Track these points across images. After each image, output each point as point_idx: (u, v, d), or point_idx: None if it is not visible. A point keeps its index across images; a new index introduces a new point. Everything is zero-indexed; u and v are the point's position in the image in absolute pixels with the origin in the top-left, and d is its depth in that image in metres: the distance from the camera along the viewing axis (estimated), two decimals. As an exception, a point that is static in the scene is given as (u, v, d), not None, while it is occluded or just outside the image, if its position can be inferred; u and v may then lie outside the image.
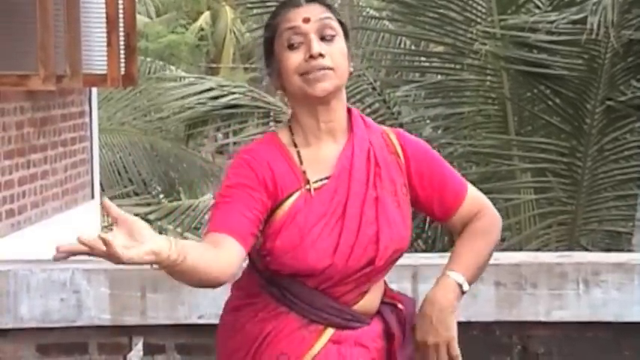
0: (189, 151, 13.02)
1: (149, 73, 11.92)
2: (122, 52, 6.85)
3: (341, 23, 2.41)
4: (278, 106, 8.98)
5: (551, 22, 7.39)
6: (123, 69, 6.90)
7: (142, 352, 3.45)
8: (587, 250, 7.51)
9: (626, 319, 3.31)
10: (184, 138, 9.55)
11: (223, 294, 3.32)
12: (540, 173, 7.89)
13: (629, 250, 6.16)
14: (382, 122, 8.44)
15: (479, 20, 7.97)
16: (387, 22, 9.73)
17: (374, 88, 8.57)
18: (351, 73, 2.42)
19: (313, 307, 2.38)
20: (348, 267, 2.37)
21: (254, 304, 2.42)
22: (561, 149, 7.81)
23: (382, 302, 2.47)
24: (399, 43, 9.65)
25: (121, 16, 6.87)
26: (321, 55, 2.34)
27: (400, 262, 2.48)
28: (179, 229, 8.99)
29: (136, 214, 7.72)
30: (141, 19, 22.47)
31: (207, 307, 3.33)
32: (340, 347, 2.39)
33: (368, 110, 8.51)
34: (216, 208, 2.35)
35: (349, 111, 2.45)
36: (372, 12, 10.61)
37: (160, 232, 8.63)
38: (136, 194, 12.26)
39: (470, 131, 8.24)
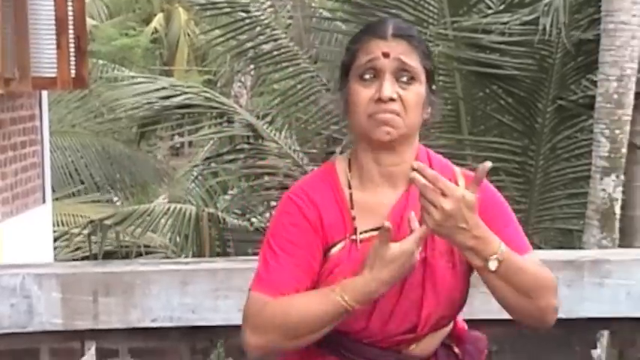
0: (143, 152, 12.95)
1: (101, 75, 11.84)
2: (72, 54, 6.79)
3: (427, 66, 2.23)
4: (232, 107, 8.96)
5: (504, 24, 7.45)
6: (73, 71, 6.85)
7: (94, 357, 3.42)
8: (540, 248, 7.57)
9: (576, 315, 3.34)
10: (136, 139, 9.49)
11: (175, 295, 3.31)
12: (493, 172, 7.89)
13: (581, 248, 6.22)
14: (336, 123, 8.51)
15: (431, 21, 8.00)
16: (339, 23, 9.74)
17: (327, 89, 8.57)
18: (426, 121, 2.24)
19: (352, 351, 2.25)
20: (387, 331, 2.21)
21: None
22: (514, 148, 7.86)
23: (442, 343, 2.31)
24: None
25: (70, 18, 6.82)
26: (391, 99, 2.16)
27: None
28: (136, 234, 8.92)
29: (92, 221, 7.61)
30: (91, 22, 22.29)
31: (160, 310, 3.31)
32: None
33: (322, 112, 8.51)
34: (276, 262, 2.21)
35: (418, 153, 2.27)
36: (325, 13, 10.62)
37: (117, 237, 8.55)
38: (87, 195, 12.17)
39: (423, 131, 8.25)
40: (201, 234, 8.46)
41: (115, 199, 13.18)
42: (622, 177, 5.99)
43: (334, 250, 2.21)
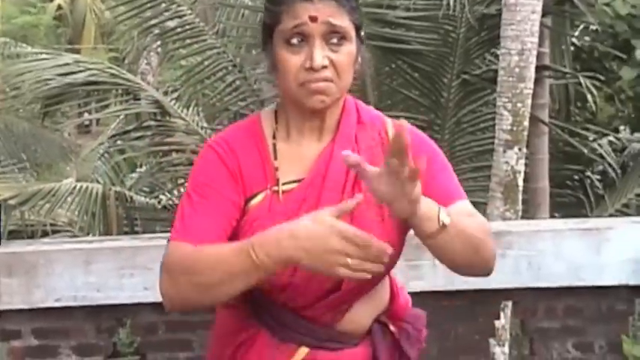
0: (48, 130, 12.72)
1: (2, 52, 11.57)
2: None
3: (356, 21, 2.12)
4: (138, 84, 8.85)
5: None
6: (-27, 49, 6.69)
7: (-3, 338, 3.37)
8: (445, 220, 7.66)
9: (479, 286, 3.40)
10: (40, 117, 9.31)
11: (80, 274, 3.28)
12: (400, 147, 7.99)
13: (485, 220, 6.31)
14: (243, 99, 8.48)
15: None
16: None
17: (234, 65, 8.52)
18: (355, 77, 2.16)
19: (284, 325, 2.15)
20: (311, 289, 2.10)
21: (234, 312, 2.21)
22: (420, 123, 7.93)
23: (377, 321, 2.23)
24: (259, 20, 9.63)
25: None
26: (324, 66, 2.06)
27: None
28: (41, 214, 8.78)
29: (-7, 201, 7.32)
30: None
31: (63, 289, 3.27)
32: None
33: (229, 88, 8.47)
34: (192, 209, 2.09)
35: (345, 105, 2.19)
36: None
37: (22, 217, 8.41)
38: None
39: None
40: (109, 213, 8.37)
41: (20, 178, 12.94)
42: (524, 150, 6.09)
43: (254, 201, 2.11)
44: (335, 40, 2.08)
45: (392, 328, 2.24)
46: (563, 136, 8.14)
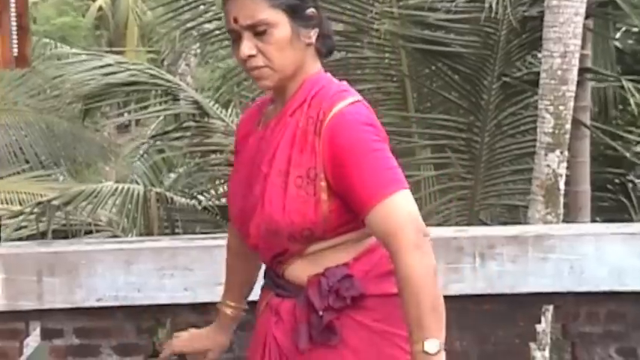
0: (88, 130, 12.81)
1: (43, 52, 11.67)
2: (14, 33, 6.69)
3: (282, 5, 2.29)
4: (177, 84, 8.89)
5: (451, 1, 7.47)
6: (16, 50, 6.74)
7: (39, 337, 3.40)
8: (485, 224, 7.63)
9: (520, 290, 3.38)
10: (80, 117, 9.38)
11: (120, 274, 3.30)
12: (440, 149, 7.97)
13: (526, 224, 6.28)
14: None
15: (376, -2, 8.01)
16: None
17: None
18: (317, 42, 2.36)
19: (267, 276, 2.49)
20: (247, 233, 2.40)
21: None
22: (460, 125, 7.91)
23: (323, 275, 2.33)
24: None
25: (12, -5, 6.70)
26: (251, 56, 2.30)
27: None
28: (84, 214, 8.85)
29: (40, 202, 7.49)
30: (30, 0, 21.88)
31: (105, 289, 3.29)
32: (268, 313, 2.42)
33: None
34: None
35: (304, 83, 2.36)
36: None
37: (66, 216, 8.47)
38: (32, 172, 12.03)
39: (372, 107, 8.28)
40: (149, 214, 8.41)
41: (61, 177, 13.05)
42: (566, 153, 6.05)
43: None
44: (260, 31, 2.29)
45: (322, 281, 2.32)
46: (605, 139, 8.07)
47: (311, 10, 2.35)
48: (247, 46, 2.29)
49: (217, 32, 8.49)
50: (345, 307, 2.29)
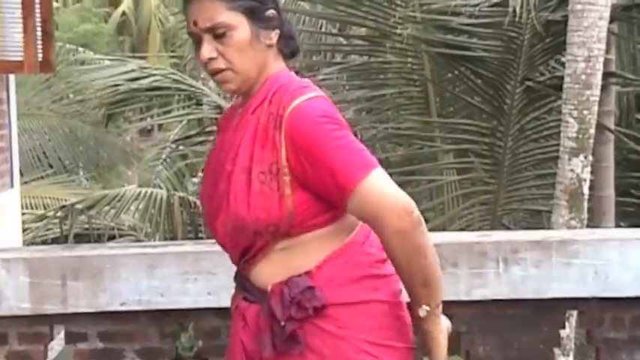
0: (111, 134, 12.88)
1: (67, 58, 11.75)
2: (39, 38, 6.73)
3: (241, 7, 2.30)
4: (200, 89, 8.92)
5: (475, 6, 7.46)
6: (40, 55, 6.78)
7: (63, 341, 3.41)
8: (508, 229, 7.61)
9: (544, 295, 3.36)
10: (103, 121, 9.43)
11: (144, 279, 3.31)
12: (462, 154, 7.97)
13: (549, 228, 6.26)
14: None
15: (399, 2, 8.00)
16: (305, 4, 9.72)
17: (297, 72, 8.53)
18: (280, 42, 2.36)
19: (237, 278, 2.47)
20: (215, 231, 2.40)
21: None
22: (482, 130, 7.89)
23: (287, 283, 2.33)
24: (320, 27, 9.64)
25: (37, 1, 6.75)
26: (211, 58, 2.31)
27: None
28: (107, 219, 8.89)
29: (64, 206, 7.53)
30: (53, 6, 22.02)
31: (129, 293, 3.30)
32: (237, 317, 2.43)
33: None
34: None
35: (266, 82, 2.36)
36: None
37: (89, 220, 8.52)
38: (55, 177, 12.10)
39: (392, 113, 8.28)
40: (173, 218, 8.44)
41: (85, 181, 13.12)
42: (590, 158, 6.03)
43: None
44: (219, 33, 2.30)
45: (285, 290, 2.31)
46: (629, 143, 8.03)
47: (271, 12, 2.35)
48: (207, 49, 2.31)
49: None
50: (307, 316, 2.30)
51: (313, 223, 2.31)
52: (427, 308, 2.31)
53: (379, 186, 2.21)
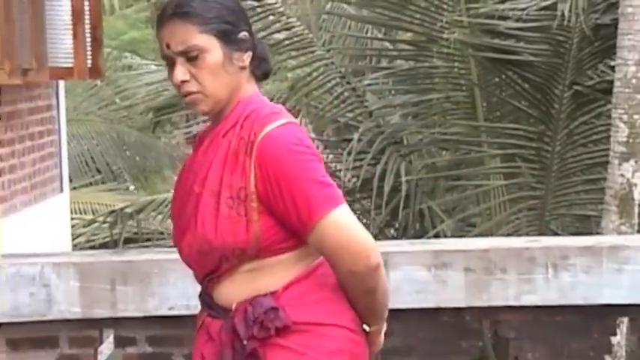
0: (158, 139, 12.97)
1: (115, 63, 11.87)
2: (88, 44, 6.81)
3: (213, 30, 2.30)
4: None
5: (523, 10, 7.42)
6: (89, 61, 6.86)
7: (113, 345, 3.44)
8: (556, 234, 7.55)
9: (594, 301, 3.33)
10: (151, 127, 9.49)
11: (192, 283, 3.32)
12: (509, 159, 7.91)
13: (598, 234, 6.20)
14: (351, 110, 8.49)
15: (446, 7, 7.98)
16: (351, 9, 9.72)
17: (343, 77, 8.55)
18: (253, 64, 2.36)
19: (202, 295, 2.46)
20: (181, 250, 2.42)
21: None
22: (530, 134, 7.83)
23: (251, 303, 2.33)
24: (366, 31, 9.64)
25: (86, 8, 6.83)
26: (184, 81, 2.32)
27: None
28: (154, 224, 8.96)
29: (113, 211, 7.61)
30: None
31: (177, 298, 3.32)
32: (202, 330, 2.43)
33: (337, 100, 8.49)
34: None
35: (237, 105, 2.36)
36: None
37: (138, 225, 8.57)
38: (104, 184, 12.21)
39: (439, 118, 8.25)
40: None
41: (132, 187, 13.22)
42: (641, 162, 5.96)
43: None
44: (192, 56, 2.31)
45: (249, 309, 2.32)
46: (679, 148, 7.93)
47: (243, 34, 2.36)
48: (180, 72, 2.31)
49: (286, 42, 8.53)
50: (269, 336, 2.30)
51: (280, 247, 2.33)
52: (368, 329, 2.40)
53: (339, 226, 2.27)
